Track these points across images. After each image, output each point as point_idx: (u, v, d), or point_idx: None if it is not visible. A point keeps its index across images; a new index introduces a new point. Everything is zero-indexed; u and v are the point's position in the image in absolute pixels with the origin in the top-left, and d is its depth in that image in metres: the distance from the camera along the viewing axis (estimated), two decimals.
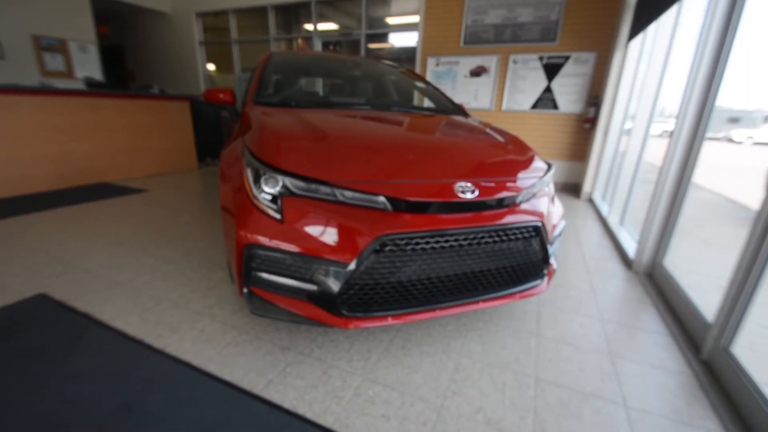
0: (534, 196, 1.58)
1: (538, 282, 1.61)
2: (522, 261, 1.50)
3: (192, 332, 1.57)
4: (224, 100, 2.31)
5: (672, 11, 2.75)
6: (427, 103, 2.85)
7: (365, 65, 3.00)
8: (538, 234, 1.50)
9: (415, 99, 4.33)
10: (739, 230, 1.41)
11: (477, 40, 5.08)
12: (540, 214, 1.53)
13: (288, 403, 1.22)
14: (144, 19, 6.98)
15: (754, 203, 1.35)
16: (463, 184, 1.38)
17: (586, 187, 4.55)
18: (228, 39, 6.72)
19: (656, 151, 2.38)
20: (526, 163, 1.71)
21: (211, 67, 7.26)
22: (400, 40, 5.97)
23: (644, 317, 1.88)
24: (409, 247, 1.27)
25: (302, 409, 1.20)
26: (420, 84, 2.85)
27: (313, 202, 1.30)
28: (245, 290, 1.38)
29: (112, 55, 7.12)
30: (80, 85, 5.21)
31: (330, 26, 6.42)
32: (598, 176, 4.38)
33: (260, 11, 6.41)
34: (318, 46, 6.27)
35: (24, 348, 1.42)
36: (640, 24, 3.51)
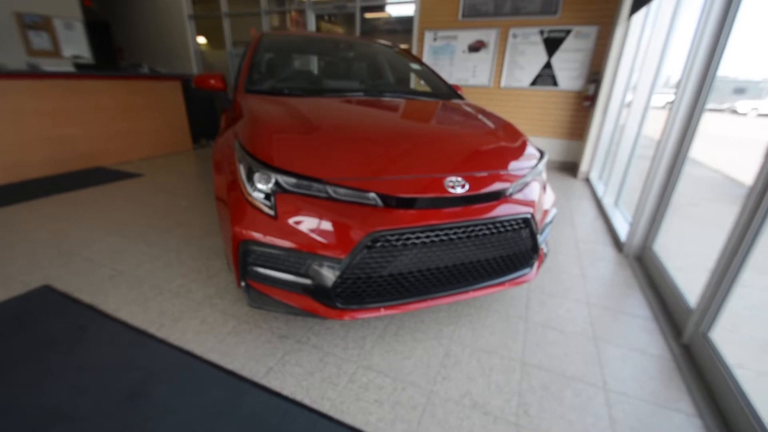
0: (526, 185, 1.59)
1: (527, 270, 1.66)
2: (512, 251, 1.54)
3: (194, 322, 1.63)
4: (215, 87, 2.28)
5: None
6: (419, 85, 2.79)
7: (359, 47, 2.92)
8: (527, 225, 1.53)
9: (409, 81, 4.24)
10: (733, 209, 1.43)
11: (476, 12, 4.90)
12: (531, 204, 1.55)
13: (287, 390, 1.30)
14: None
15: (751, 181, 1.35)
16: (453, 178, 1.39)
17: (584, 167, 4.54)
18: (218, 12, 6.47)
19: (657, 124, 2.34)
20: (518, 152, 1.72)
21: (201, 40, 7.03)
22: (397, 11, 5.76)
23: (630, 301, 1.94)
24: (399, 242, 1.30)
25: (300, 396, 1.27)
26: (415, 65, 2.79)
27: (306, 199, 1.32)
28: (243, 283, 1.42)
29: (98, 31, 6.87)
30: (68, 65, 5.08)
31: None
32: (596, 156, 4.36)
33: None
34: (312, 20, 6.05)
35: (32, 340, 1.48)
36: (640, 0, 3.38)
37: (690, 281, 1.86)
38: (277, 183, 1.34)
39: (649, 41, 3.06)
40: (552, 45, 4.68)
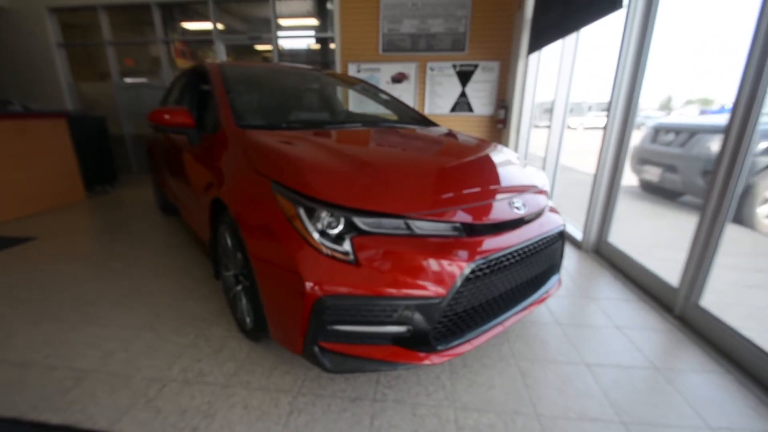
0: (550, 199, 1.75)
1: (557, 277, 1.80)
2: (553, 261, 1.67)
3: (234, 411, 1.30)
4: (183, 124, 1.94)
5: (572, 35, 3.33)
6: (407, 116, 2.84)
7: (325, 79, 2.85)
8: (562, 235, 1.68)
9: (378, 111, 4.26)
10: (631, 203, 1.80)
11: (395, 47, 5.26)
12: (559, 214, 1.71)
13: None
14: None
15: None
16: (515, 200, 1.45)
17: None
18: (99, 40, 5.54)
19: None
20: (532, 171, 1.88)
21: (73, 72, 5.87)
22: (315, 43, 5.80)
23: (614, 288, 2.25)
24: (489, 269, 1.29)
25: None
26: (384, 96, 2.84)
27: (388, 239, 1.21)
28: (316, 348, 1.21)
29: None
30: None
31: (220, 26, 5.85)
32: None
33: (141, 8, 5.45)
34: (221, 51, 5.64)
35: None
36: (534, 45, 4.14)
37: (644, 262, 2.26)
38: (351, 225, 1.20)
39: (559, 74, 3.72)
40: (464, 77, 5.29)
